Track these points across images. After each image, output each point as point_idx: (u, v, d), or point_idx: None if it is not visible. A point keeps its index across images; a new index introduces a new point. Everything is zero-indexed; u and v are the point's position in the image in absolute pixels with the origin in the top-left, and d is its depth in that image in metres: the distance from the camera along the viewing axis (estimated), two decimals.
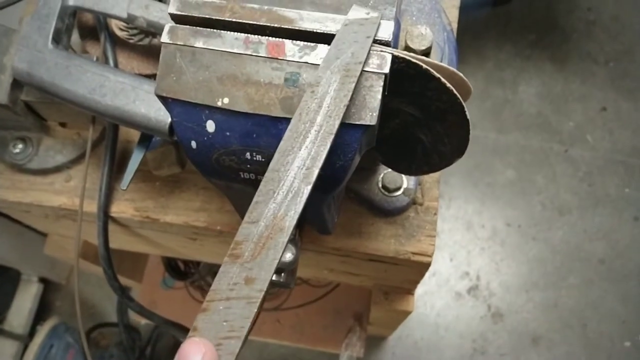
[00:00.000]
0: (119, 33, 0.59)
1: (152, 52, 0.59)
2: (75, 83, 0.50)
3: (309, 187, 0.31)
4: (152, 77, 0.58)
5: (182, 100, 0.35)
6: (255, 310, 0.29)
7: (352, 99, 0.33)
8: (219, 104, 0.34)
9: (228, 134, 0.35)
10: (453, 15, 0.63)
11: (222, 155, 0.36)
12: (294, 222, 0.30)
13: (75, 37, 0.59)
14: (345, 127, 0.33)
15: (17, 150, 0.60)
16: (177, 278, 1.16)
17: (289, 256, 0.41)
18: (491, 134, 1.56)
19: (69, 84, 0.50)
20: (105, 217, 0.58)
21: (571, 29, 1.67)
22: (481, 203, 1.51)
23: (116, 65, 0.57)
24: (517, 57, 1.64)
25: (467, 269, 1.46)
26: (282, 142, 0.32)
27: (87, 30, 0.60)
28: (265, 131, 0.34)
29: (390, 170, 0.56)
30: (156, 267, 1.22)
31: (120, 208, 0.59)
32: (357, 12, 0.34)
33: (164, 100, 0.35)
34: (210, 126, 0.35)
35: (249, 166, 0.36)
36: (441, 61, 0.46)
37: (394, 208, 0.56)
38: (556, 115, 1.58)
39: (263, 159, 0.36)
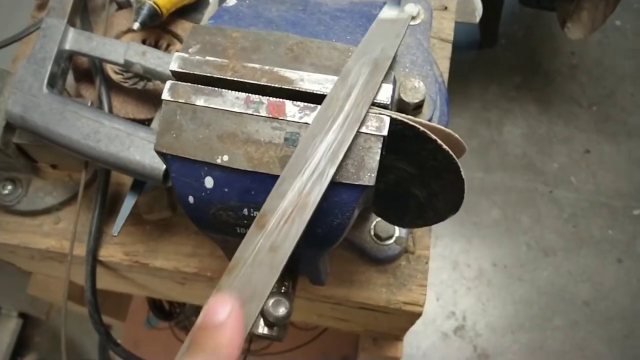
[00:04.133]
0: (113, 76, 0.60)
1: (146, 96, 0.59)
2: (69, 128, 0.50)
3: (334, 168, 0.33)
4: (146, 121, 0.58)
5: (182, 157, 0.35)
6: (277, 276, 0.31)
7: (350, 158, 0.34)
8: (219, 161, 0.34)
9: (227, 190, 0.35)
10: (444, 66, 0.64)
11: (220, 210, 0.36)
12: (318, 199, 0.32)
13: (69, 79, 0.59)
14: (344, 187, 0.34)
15: (6, 192, 0.59)
16: (162, 318, 1.14)
17: (282, 310, 0.41)
18: (477, 174, 1.58)
19: (63, 129, 0.50)
20: (94, 261, 0.58)
21: (555, 72, 1.71)
22: (467, 242, 1.52)
23: (111, 110, 0.57)
24: (502, 99, 1.68)
25: (453, 309, 1.46)
26: (310, 125, 0.33)
27: (82, 73, 0.61)
28: (264, 188, 0.34)
29: None
30: (140, 306, 1.19)
31: (110, 252, 0.59)
32: (388, 12, 0.38)
33: (163, 156, 0.35)
34: (209, 182, 0.35)
35: (246, 222, 0.36)
36: (433, 112, 0.47)
37: (386, 256, 0.56)
38: (541, 156, 1.60)
39: None
